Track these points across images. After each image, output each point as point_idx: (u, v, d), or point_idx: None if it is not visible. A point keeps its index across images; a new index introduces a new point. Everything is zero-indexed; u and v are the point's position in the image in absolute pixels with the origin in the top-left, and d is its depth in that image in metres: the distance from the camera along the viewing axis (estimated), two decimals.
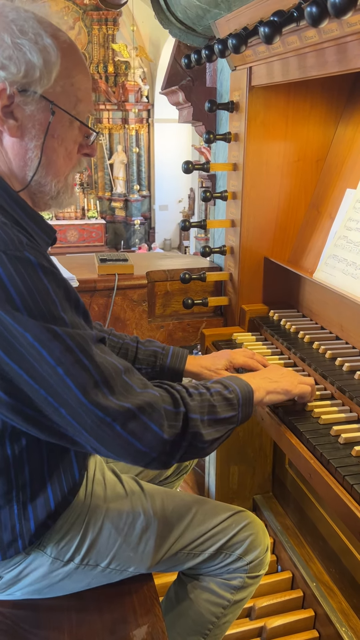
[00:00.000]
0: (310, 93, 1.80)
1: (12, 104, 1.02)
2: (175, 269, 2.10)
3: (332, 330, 1.67)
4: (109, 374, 0.98)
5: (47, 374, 0.94)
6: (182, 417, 1.06)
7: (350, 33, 1.20)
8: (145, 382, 1.06)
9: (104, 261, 2.08)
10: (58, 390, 0.95)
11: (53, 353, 0.93)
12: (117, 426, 0.97)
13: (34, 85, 1.02)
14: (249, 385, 1.24)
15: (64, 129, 1.09)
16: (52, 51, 1.03)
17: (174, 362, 1.51)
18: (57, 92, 1.06)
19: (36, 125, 1.05)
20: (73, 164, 1.15)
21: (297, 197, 1.90)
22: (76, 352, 0.95)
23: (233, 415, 1.17)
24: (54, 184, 1.12)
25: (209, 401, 1.13)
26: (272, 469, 2.36)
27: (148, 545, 1.30)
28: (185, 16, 1.89)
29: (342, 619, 1.77)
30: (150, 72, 13.56)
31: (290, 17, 1.19)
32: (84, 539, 1.24)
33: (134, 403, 0.99)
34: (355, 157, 1.75)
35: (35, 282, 0.93)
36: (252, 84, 1.73)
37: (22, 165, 1.07)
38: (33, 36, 1.01)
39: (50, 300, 0.95)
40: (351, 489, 1.08)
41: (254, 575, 1.44)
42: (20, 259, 0.92)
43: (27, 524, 1.15)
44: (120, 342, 1.52)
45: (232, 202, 1.92)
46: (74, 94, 1.09)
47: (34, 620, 1.18)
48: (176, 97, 2.19)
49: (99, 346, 1.01)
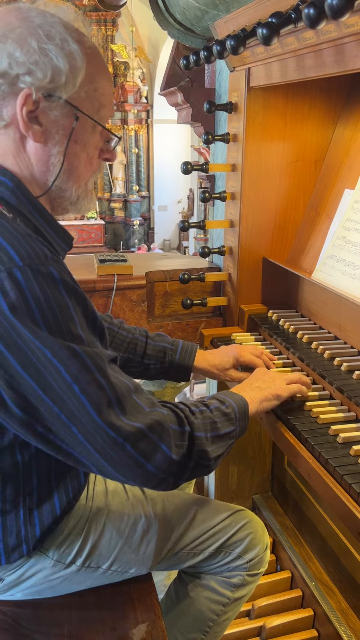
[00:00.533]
0: (309, 94, 1.81)
1: (37, 109, 1.02)
2: (174, 269, 2.10)
3: (331, 330, 1.67)
4: (121, 393, 0.99)
5: (63, 391, 0.94)
6: (187, 436, 1.06)
7: (348, 34, 1.21)
8: (153, 400, 1.06)
9: (103, 262, 2.08)
10: (72, 407, 0.94)
11: (70, 370, 0.93)
12: (128, 446, 0.97)
13: (60, 90, 1.03)
14: (243, 398, 1.25)
15: (87, 134, 1.10)
16: (77, 57, 1.03)
17: (182, 358, 1.52)
18: (81, 97, 1.06)
19: (60, 131, 1.06)
20: (94, 169, 1.16)
21: (295, 198, 1.91)
22: (93, 371, 0.95)
23: (232, 430, 1.17)
24: (75, 189, 1.13)
25: (210, 418, 1.14)
26: (271, 469, 2.37)
27: (149, 547, 1.30)
28: (183, 17, 1.89)
29: (341, 618, 1.78)
30: (149, 73, 13.57)
31: (288, 19, 1.19)
32: (86, 542, 1.24)
33: (145, 422, 1.00)
34: (353, 158, 1.76)
35: (57, 299, 0.93)
36: (250, 85, 1.74)
37: (44, 170, 1.08)
38: (59, 41, 1.02)
39: (69, 317, 0.95)
40: (349, 488, 1.09)
41: (254, 573, 1.45)
42: (44, 274, 0.92)
43: (33, 529, 1.15)
44: (129, 336, 1.52)
45: (231, 202, 1.93)
46: (97, 99, 1.09)
47: (34, 619, 1.19)
48: (175, 98, 2.20)
49: (112, 365, 1.02)
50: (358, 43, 1.21)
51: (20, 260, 0.91)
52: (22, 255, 0.91)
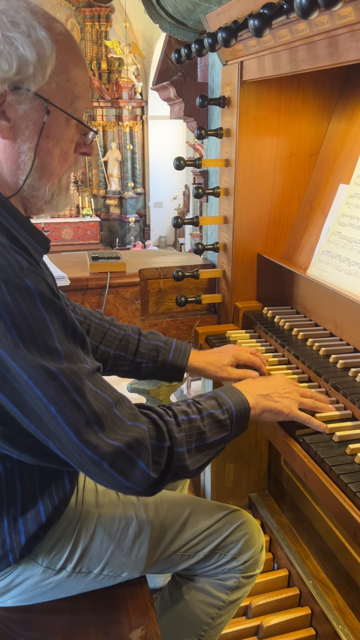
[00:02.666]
0: (303, 87, 1.79)
1: (4, 103, 0.95)
2: (168, 266, 2.08)
3: (326, 327, 1.65)
4: (100, 411, 0.96)
5: (39, 410, 0.92)
6: (166, 451, 1.03)
7: (341, 25, 1.18)
8: (135, 412, 1.03)
9: (96, 259, 2.06)
10: (49, 425, 0.94)
11: (47, 393, 0.91)
12: (105, 464, 0.96)
13: (27, 82, 0.95)
14: (246, 402, 1.18)
15: (60, 129, 1.02)
16: (46, 45, 0.95)
17: (176, 358, 1.48)
18: (52, 89, 0.99)
19: (30, 126, 0.99)
20: (69, 164, 1.08)
21: (290, 193, 1.89)
22: (70, 392, 0.93)
23: (225, 435, 1.14)
24: (48, 187, 1.06)
25: (198, 428, 1.09)
26: (267, 467, 2.35)
27: (142, 550, 1.28)
28: (175, 10, 1.86)
29: (338, 616, 1.76)
30: (143, 69, 13.49)
31: (280, 10, 1.17)
32: (76, 547, 1.22)
33: (123, 441, 0.97)
34: (348, 152, 1.73)
35: (32, 312, 0.91)
36: (243, 79, 1.71)
37: (14, 169, 1.01)
38: (25, 28, 0.93)
39: (46, 330, 0.92)
40: (345, 487, 1.07)
41: (249, 575, 1.43)
42: (19, 288, 0.89)
43: (18, 537, 1.13)
44: (121, 333, 1.48)
45: (225, 198, 1.91)
46: (71, 90, 1.02)
47: (26, 624, 1.17)
48: (167, 93, 2.17)
49: (93, 377, 0.99)
50: (352, 34, 1.19)
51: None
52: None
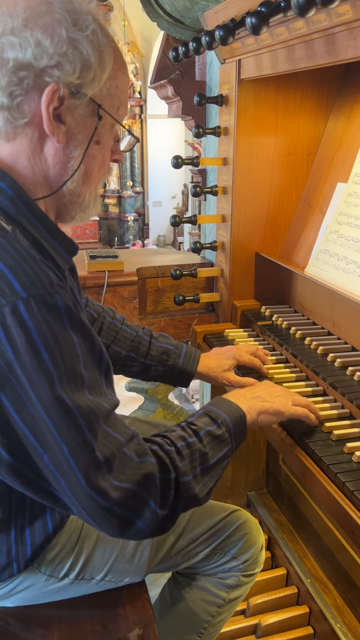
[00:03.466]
0: (301, 86, 1.78)
1: (61, 107, 0.92)
2: (166, 265, 2.08)
3: (324, 326, 1.65)
4: (111, 453, 0.90)
5: (53, 444, 0.87)
6: (174, 484, 0.98)
7: (339, 23, 1.18)
8: (144, 447, 0.97)
9: (94, 258, 2.06)
10: (61, 462, 0.88)
11: (60, 430, 0.86)
12: (115, 508, 0.90)
13: (86, 87, 0.94)
14: (239, 409, 1.14)
15: (106, 135, 1.02)
16: (106, 50, 0.94)
17: (186, 364, 1.47)
18: (103, 94, 0.98)
19: (82, 131, 0.97)
20: (105, 171, 1.07)
21: (288, 192, 1.89)
22: (84, 432, 0.87)
23: (227, 450, 1.09)
24: (88, 194, 1.04)
25: (199, 451, 1.03)
26: (266, 465, 2.35)
27: (143, 556, 1.27)
28: (173, 8, 1.86)
29: (336, 615, 1.76)
30: (142, 68, 13.47)
31: (277, 7, 1.17)
32: (79, 555, 1.21)
33: (133, 480, 0.92)
34: (346, 151, 1.73)
35: (62, 333, 0.85)
36: (241, 77, 1.71)
37: (61, 174, 0.98)
38: (90, 33, 0.92)
39: (74, 354, 0.87)
40: (343, 486, 1.07)
41: (249, 573, 1.44)
42: (48, 306, 0.84)
43: (24, 548, 1.11)
44: (133, 334, 1.47)
45: (223, 197, 1.90)
46: (118, 97, 1.01)
47: (25, 624, 1.17)
48: (165, 91, 2.17)
49: (109, 416, 0.93)
50: (349, 32, 1.19)
51: (23, 290, 0.82)
52: (24, 283, 0.82)
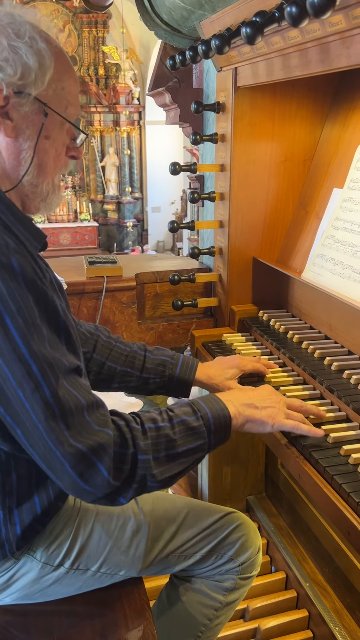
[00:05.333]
0: (297, 93, 1.81)
1: (8, 105, 1.05)
2: (164, 270, 2.09)
3: (321, 330, 1.67)
4: (68, 408, 0.96)
5: (10, 393, 0.94)
6: (130, 458, 1.02)
7: (332, 33, 1.20)
8: (106, 419, 1.02)
9: (93, 263, 2.07)
10: (18, 410, 0.95)
11: (15, 375, 0.93)
12: (67, 465, 0.96)
13: (29, 87, 1.06)
14: (225, 409, 1.16)
15: (56, 131, 1.13)
16: (46, 55, 1.06)
17: (183, 373, 1.48)
18: (49, 94, 1.09)
19: (30, 126, 1.09)
20: (61, 165, 1.18)
21: (284, 197, 1.91)
22: (38, 379, 0.94)
23: (201, 443, 1.11)
24: (45, 185, 1.15)
25: (166, 436, 1.07)
26: (264, 470, 2.36)
27: (139, 549, 1.29)
28: (170, 17, 1.89)
29: (335, 618, 1.77)
30: (140, 74, 13.55)
31: (272, 18, 1.19)
32: (74, 543, 1.24)
33: (86, 444, 0.97)
34: (341, 157, 1.75)
35: (17, 290, 0.94)
36: (237, 85, 1.74)
37: (15, 165, 1.10)
38: (29, 40, 1.05)
39: (29, 308, 0.96)
40: (339, 488, 1.08)
41: (246, 576, 1.44)
42: (4, 266, 0.94)
43: (13, 528, 1.14)
44: (127, 349, 1.49)
45: (220, 203, 1.92)
46: (65, 97, 1.13)
47: (24, 625, 1.18)
48: (163, 99, 2.19)
49: (69, 374, 0.99)
50: (342, 41, 1.21)
51: None
52: None
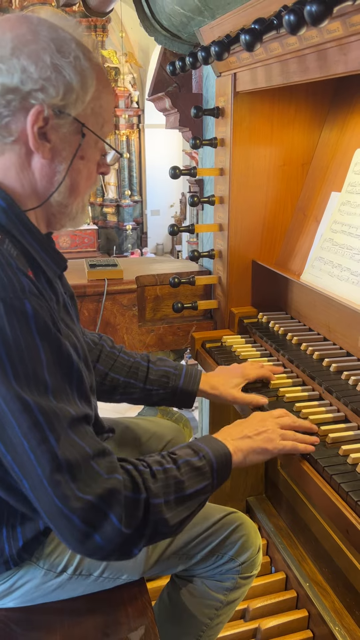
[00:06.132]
0: (295, 98, 1.83)
1: (47, 126, 1.01)
2: (164, 273, 2.11)
3: (320, 332, 1.69)
4: (74, 459, 0.92)
5: (17, 443, 0.90)
6: (143, 504, 0.98)
7: (329, 40, 1.23)
8: (114, 465, 0.98)
9: (94, 266, 2.09)
10: (24, 461, 0.91)
11: (21, 426, 0.89)
12: (75, 519, 0.91)
13: (70, 107, 1.02)
14: (225, 447, 1.14)
15: (90, 150, 1.10)
16: (89, 75, 1.03)
17: (187, 384, 1.48)
18: (87, 114, 1.06)
19: (67, 147, 1.05)
20: (92, 183, 1.15)
21: (283, 201, 1.93)
22: (44, 430, 0.89)
23: (206, 484, 1.08)
24: (75, 205, 1.12)
25: (175, 478, 1.04)
26: (264, 471, 2.37)
27: (140, 553, 1.29)
28: (170, 24, 1.91)
29: (335, 618, 1.78)
30: (140, 78, 13.60)
31: (270, 25, 1.21)
32: None
33: (95, 493, 0.92)
34: (339, 161, 1.78)
35: (25, 338, 0.90)
36: (236, 90, 1.76)
37: (48, 187, 1.06)
38: (72, 59, 1.00)
39: (37, 359, 0.91)
40: (338, 487, 1.10)
41: (246, 575, 1.45)
42: (16, 310, 0.89)
43: (16, 543, 1.14)
44: (130, 360, 1.49)
45: (220, 206, 1.94)
46: (102, 115, 1.09)
47: (27, 624, 1.19)
48: (163, 104, 2.21)
49: (76, 424, 0.94)
50: (340, 48, 1.23)
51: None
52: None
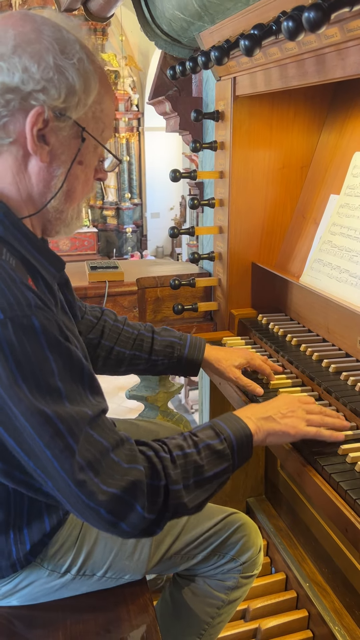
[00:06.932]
0: (294, 102, 1.85)
1: (46, 128, 0.98)
2: (165, 275, 2.13)
3: (319, 333, 1.70)
4: (93, 457, 0.94)
5: (38, 451, 0.92)
6: (163, 490, 1.00)
7: (328, 45, 1.24)
8: (134, 453, 1.00)
9: (95, 269, 2.10)
10: (47, 466, 0.93)
11: (43, 437, 0.91)
12: (102, 511, 0.94)
13: (71, 110, 0.99)
14: (246, 428, 1.13)
15: (89, 155, 1.07)
16: (92, 77, 1.01)
17: (192, 353, 1.49)
18: (88, 118, 1.03)
19: (66, 151, 1.03)
20: (89, 189, 1.13)
21: (282, 203, 1.94)
22: (66, 437, 0.91)
23: (226, 466, 1.09)
24: (70, 211, 1.10)
25: (194, 462, 1.05)
26: (264, 472, 2.38)
27: (143, 553, 1.31)
28: (170, 28, 1.93)
29: (335, 618, 1.79)
30: (139, 81, 13.65)
31: (269, 31, 1.23)
32: (80, 551, 1.25)
33: (119, 486, 0.95)
34: (338, 164, 1.79)
35: (36, 353, 0.90)
36: (236, 94, 1.78)
37: (44, 191, 1.04)
38: (76, 61, 0.98)
39: (49, 371, 0.92)
40: (337, 486, 1.11)
41: (248, 575, 1.47)
42: (24, 327, 0.89)
43: (23, 547, 1.16)
44: (135, 332, 1.49)
45: (220, 209, 1.96)
46: (103, 120, 1.07)
47: (29, 622, 1.20)
48: (163, 107, 2.23)
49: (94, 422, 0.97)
50: (338, 53, 1.25)
51: (1, 312, 0.88)
52: (3, 306, 0.88)
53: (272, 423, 1.17)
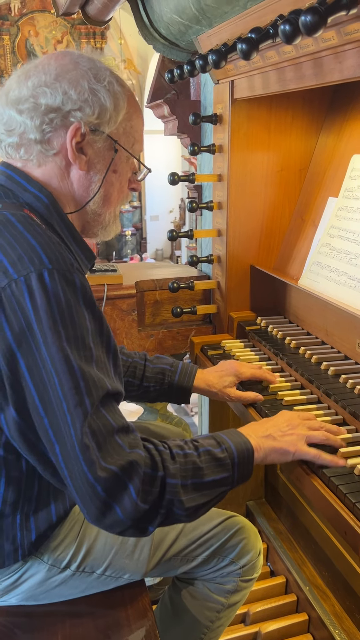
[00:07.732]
0: (292, 104, 1.85)
1: (83, 141, 1.17)
2: (164, 278, 2.13)
3: (318, 336, 1.70)
4: (98, 430, 0.97)
5: (56, 403, 0.96)
6: (159, 481, 1.01)
7: (325, 48, 1.25)
8: (137, 441, 1.03)
9: (94, 272, 2.10)
10: (60, 424, 0.96)
11: (63, 386, 0.96)
12: (98, 488, 0.95)
13: (104, 125, 1.18)
14: (248, 442, 1.14)
15: (122, 165, 1.25)
16: (120, 97, 1.19)
17: (182, 380, 1.54)
18: (119, 132, 1.22)
19: (101, 161, 1.21)
20: (123, 196, 1.30)
21: (281, 206, 1.95)
22: (83, 395, 0.96)
23: (226, 476, 1.09)
24: (107, 214, 1.27)
25: (194, 463, 1.06)
26: (264, 475, 2.38)
27: (143, 553, 1.32)
28: (168, 32, 1.93)
29: (335, 621, 1.78)
30: (138, 84, 13.67)
31: (267, 34, 1.23)
32: (80, 546, 1.26)
33: (118, 464, 0.97)
34: (336, 166, 1.79)
35: (75, 306, 0.99)
36: (234, 97, 1.78)
37: (84, 195, 1.22)
38: (107, 84, 1.17)
39: (85, 327, 1.00)
40: (336, 489, 1.11)
41: (247, 578, 1.46)
42: (68, 281, 0.99)
43: (29, 534, 1.18)
44: (129, 360, 1.54)
45: (218, 212, 1.96)
46: (132, 135, 1.26)
47: (28, 626, 1.20)
48: (161, 111, 2.24)
49: (108, 401, 1.00)
50: (335, 56, 1.25)
51: (49, 262, 0.99)
52: (51, 258, 0.99)
53: (272, 441, 1.18)
